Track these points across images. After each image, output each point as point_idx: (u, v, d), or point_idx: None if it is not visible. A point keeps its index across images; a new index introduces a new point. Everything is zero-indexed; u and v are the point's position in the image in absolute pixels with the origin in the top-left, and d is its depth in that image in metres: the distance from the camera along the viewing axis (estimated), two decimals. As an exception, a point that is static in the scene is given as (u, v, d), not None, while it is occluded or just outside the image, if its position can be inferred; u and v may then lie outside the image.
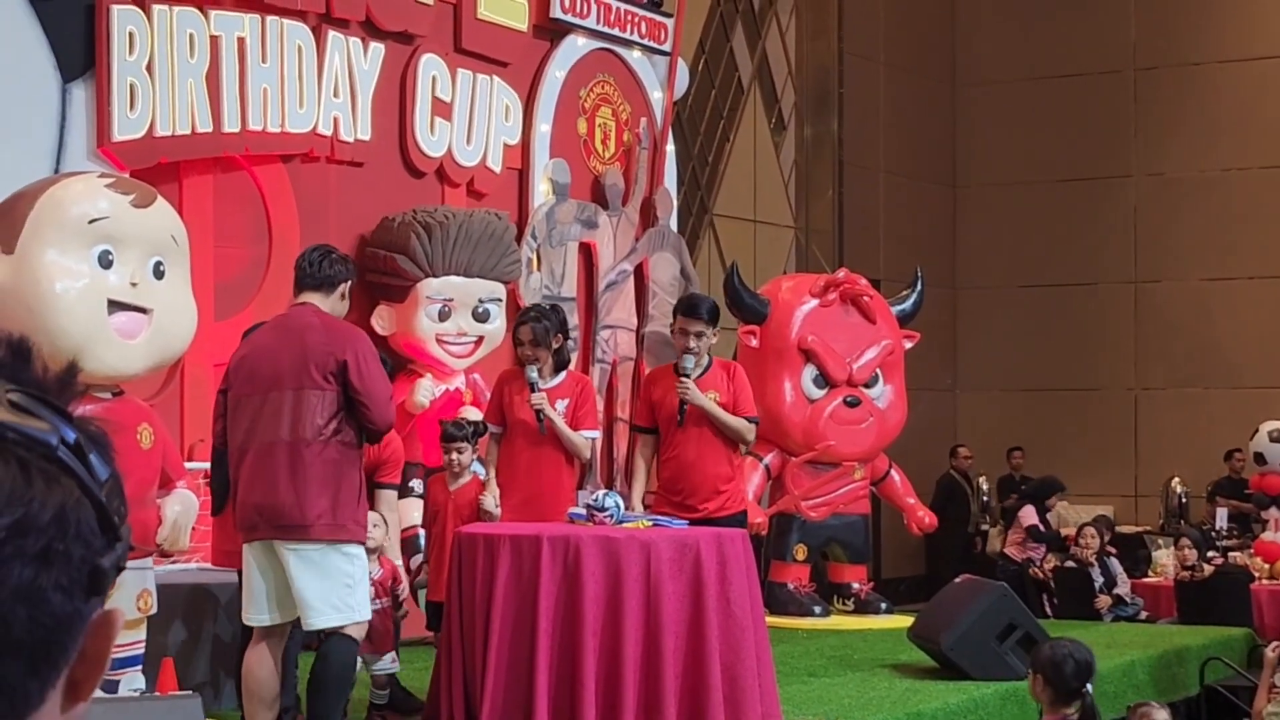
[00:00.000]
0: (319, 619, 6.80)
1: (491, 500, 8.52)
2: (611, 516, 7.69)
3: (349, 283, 7.30)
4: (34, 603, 1.17)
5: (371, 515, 7.45)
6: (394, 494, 8.03)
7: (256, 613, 6.97)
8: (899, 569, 19.29)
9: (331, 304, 7.17)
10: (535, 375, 8.65)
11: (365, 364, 6.91)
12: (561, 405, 8.73)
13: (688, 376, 9.15)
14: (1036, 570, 15.16)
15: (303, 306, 7.18)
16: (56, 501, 1.19)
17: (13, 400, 1.21)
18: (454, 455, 8.42)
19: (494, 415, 8.92)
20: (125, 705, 5.37)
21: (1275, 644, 7.08)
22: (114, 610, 1.25)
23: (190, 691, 5.94)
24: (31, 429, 1.20)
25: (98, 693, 1.24)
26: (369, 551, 7.42)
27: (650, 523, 7.83)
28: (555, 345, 8.84)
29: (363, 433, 6.94)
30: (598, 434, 9.31)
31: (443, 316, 11.06)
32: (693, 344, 9.17)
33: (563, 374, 8.89)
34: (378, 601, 7.57)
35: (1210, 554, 14.20)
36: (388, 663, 7.83)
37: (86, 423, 1.24)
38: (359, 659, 7.41)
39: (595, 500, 7.82)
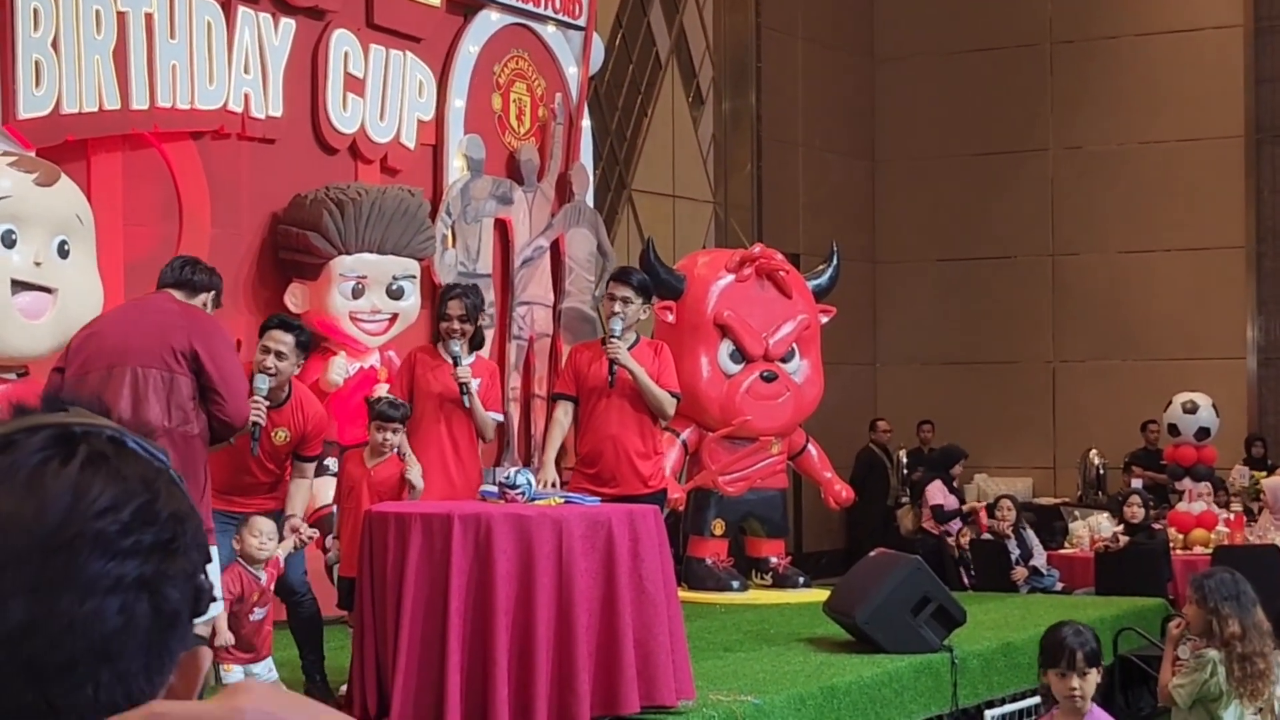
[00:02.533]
0: None
1: (418, 473, 8.49)
2: (524, 494, 7.67)
3: (212, 293, 6.98)
4: (156, 593, 1.19)
5: (265, 526, 7.33)
6: (312, 467, 7.93)
7: None
8: (819, 543, 19.37)
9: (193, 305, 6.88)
10: (458, 349, 8.72)
11: (222, 353, 6.59)
12: (477, 384, 8.85)
13: (617, 338, 9.24)
14: (952, 544, 15.24)
15: (161, 293, 6.89)
16: (176, 503, 1.23)
17: (110, 425, 1.27)
18: (388, 435, 8.31)
19: (403, 391, 8.96)
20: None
21: (1177, 620, 7.11)
22: (202, 649, 1.26)
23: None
24: (152, 447, 1.26)
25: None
26: (256, 561, 7.31)
27: (562, 500, 7.82)
28: (478, 324, 8.99)
29: (212, 431, 6.57)
30: (502, 418, 9.33)
31: (356, 294, 11.00)
32: (618, 308, 9.31)
33: (473, 355, 8.96)
34: (258, 610, 7.41)
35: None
36: (265, 670, 7.53)
37: (178, 474, 1.30)
38: (242, 670, 7.30)
39: (507, 478, 7.79)
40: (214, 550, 6.68)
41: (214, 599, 1.27)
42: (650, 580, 7.44)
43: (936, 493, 16.06)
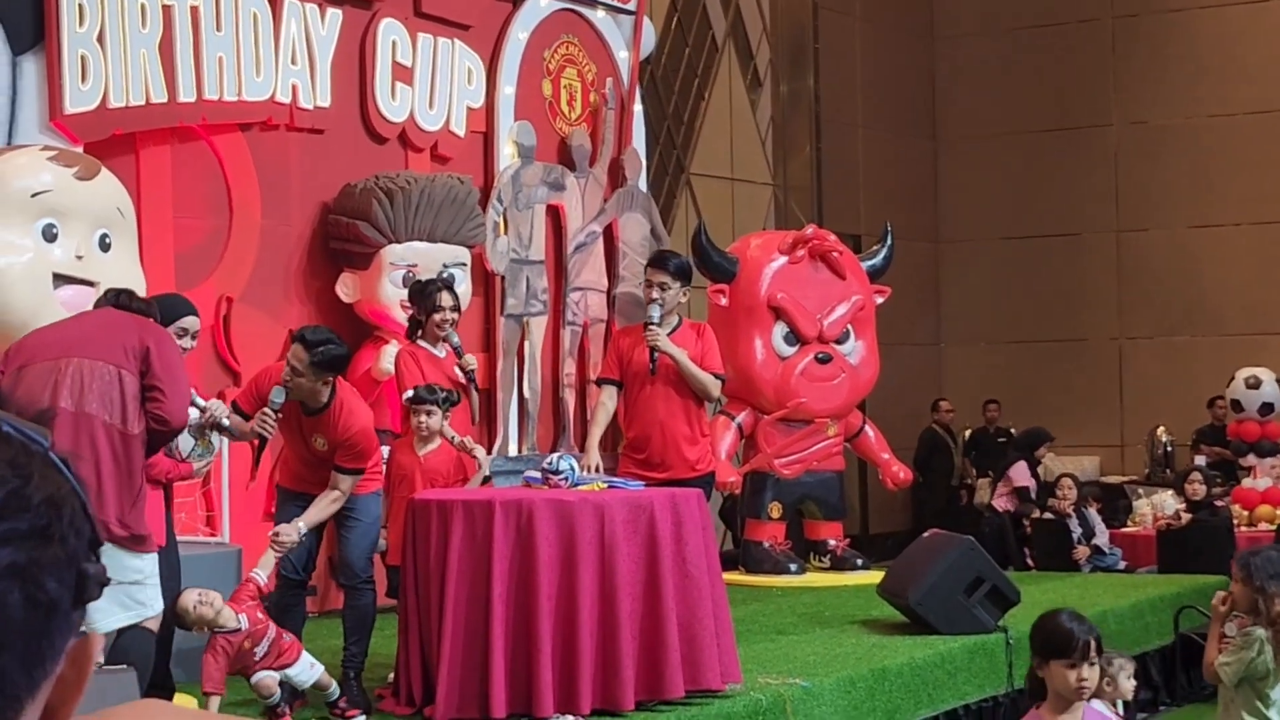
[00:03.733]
0: (105, 620, 6.18)
1: (482, 452, 8.51)
2: (566, 479, 7.66)
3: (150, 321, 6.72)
4: (30, 582, 1.15)
5: (201, 598, 7.22)
6: (348, 480, 7.59)
7: None
8: (885, 525, 19.27)
9: None
10: (458, 340, 8.77)
11: (171, 356, 6.40)
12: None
13: (656, 325, 9.23)
14: (1029, 523, 15.11)
15: (106, 309, 6.68)
16: (51, 487, 1.19)
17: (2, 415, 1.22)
18: (422, 418, 8.29)
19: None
20: (57, 681, 5.33)
21: (1221, 594, 7.02)
22: (92, 635, 1.23)
23: (124, 666, 5.89)
24: (27, 427, 1.22)
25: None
26: (219, 624, 7.20)
27: (605, 485, 7.80)
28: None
29: (149, 433, 6.33)
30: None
31: (406, 282, 10.96)
32: (655, 294, 9.31)
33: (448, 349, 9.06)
34: (259, 650, 7.25)
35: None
36: (305, 669, 7.35)
37: (69, 456, 1.26)
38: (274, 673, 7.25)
39: (550, 463, 7.78)
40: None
41: (102, 584, 1.24)
42: (694, 564, 7.42)
43: (1022, 474, 15.96)
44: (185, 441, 7.60)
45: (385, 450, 9.57)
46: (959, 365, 21.30)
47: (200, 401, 7.36)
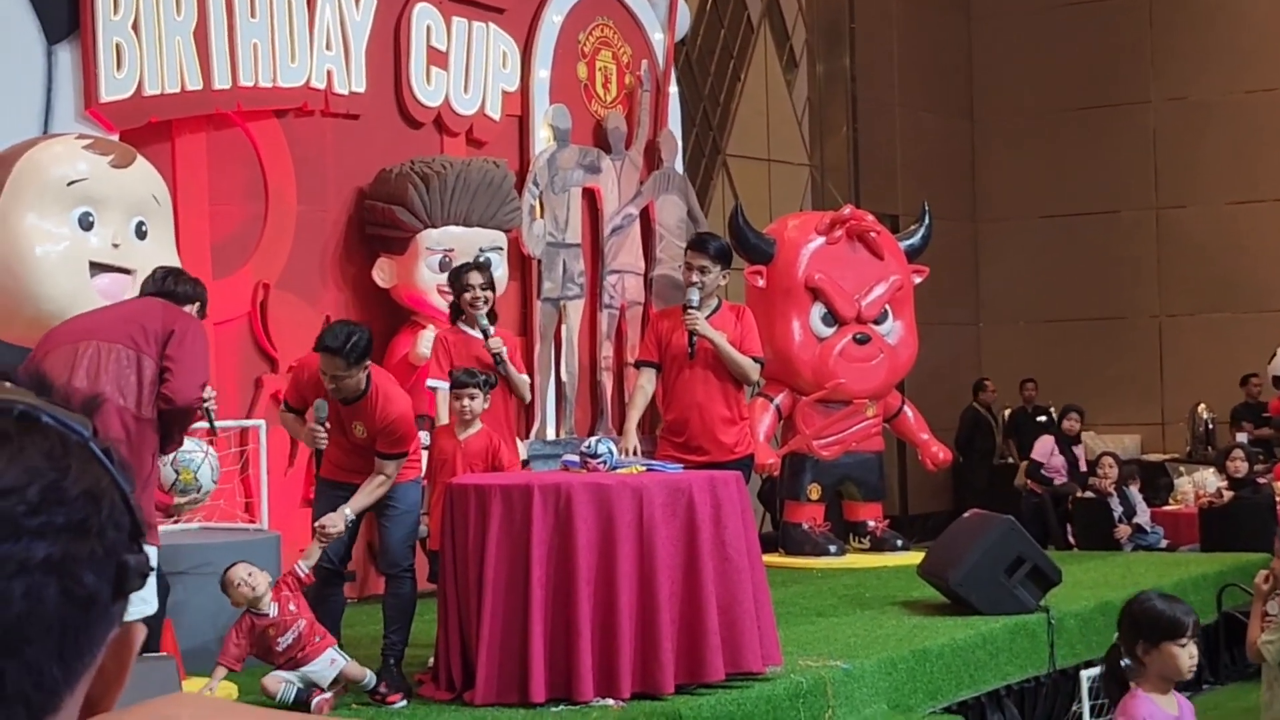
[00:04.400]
0: None
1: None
2: (605, 463, 7.64)
3: (195, 305, 6.71)
4: (67, 576, 1.14)
5: (239, 573, 7.20)
6: (392, 464, 7.59)
7: None
8: (925, 505, 19.22)
9: None
10: (486, 322, 8.72)
11: (193, 340, 6.30)
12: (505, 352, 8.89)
13: (695, 308, 9.21)
14: (1070, 503, 15.04)
15: (145, 297, 6.63)
16: (90, 480, 1.18)
17: (41, 404, 1.21)
18: (465, 401, 8.26)
19: (445, 374, 9.16)
20: (97, 668, 5.33)
21: (1264, 572, 6.97)
22: (135, 625, 1.22)
23: (165, 654, 5.88)
24: (67, 417, 1.21)
25: None
26: (254, 602, 7.22)
27: (644, 468, 7.78)
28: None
29: (159, 414, 6.25)
30: (527, 379, 9.23)
31: (443, 267, 10.98)
32: (695, 277, 9.29)
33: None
34: (283, 640, 7.25)
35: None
36: (324, 666, 7.31)
37: (112, 445, 1.24)
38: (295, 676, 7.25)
39: (589, 447, 7.77)
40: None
41: (144, 575, 1.23)
42: (733, 546, 7.40)
43: (1041, 449, 15.90)
44: (167, 474, 7.57)
45: (425, 436, 9.59)
46: (998, 345, 21.22)
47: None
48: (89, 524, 1.16)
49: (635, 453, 9.36)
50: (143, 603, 6.17)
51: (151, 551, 6.11)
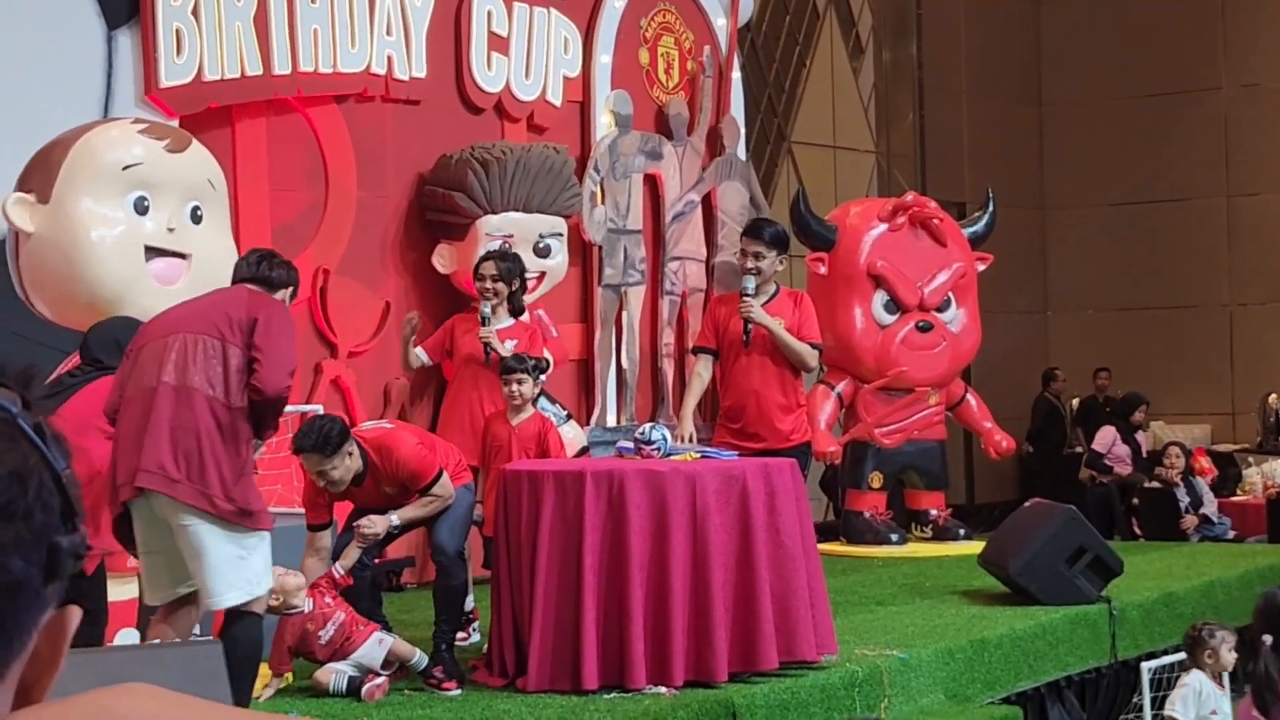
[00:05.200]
0: (217, 599, 6.16)
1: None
2: (659, 449, 7.59)
3: (289, 290, 6.62)
4: None
5: (290, 580, 7.18)
6: (439, 487, 7.50)
7: (159, 590, 6.31)
8: (992, 494, 19.08)
9: None
10: (488, 310, 8.73)
11: (279, 328, 6.23)
12: (509, 345, 8.94)
13: (751, 296, 9.16)
14: (1136, 493, 14.90)
15: (237, 286, 6.55)
16: (15, 460, 1.13)
17: None
18: (514, 387, 8.25)
19: (438, 352, 9.40)
20: (142, 653, 5.33)
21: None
22: (70, 609, 1.17)
23: (212, 639, 5.88)
24: None
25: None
26: (288, 607, 7.20)
27: (698, 455, 7.73)
28: (513, 288, 9.09)
29: (251, 405, 6.22)
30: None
31: (504, 253, 10.98)
32: (750, 264, 9.25)
33: (512, 320, 9.15)
34: (323, 634, 7.18)
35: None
36: (373, 647, 7.26)
37: (46, 419, 1.19)
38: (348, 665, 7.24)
39: (642, 433, 7.72)
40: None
41: (79, 555, 1.18)
42: (787, 534, 7.35)
43: (1102, 440, 15.76)
44: None
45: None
46: (1066, 333, 21.05)
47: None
48: (14, 506, 1.11)
49: (691, 439, 9.33)
50: (251, 585, 6.20)
51: (259, 536, 6.13)
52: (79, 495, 1.19)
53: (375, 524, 7.33)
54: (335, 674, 7.15)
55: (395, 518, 7.35)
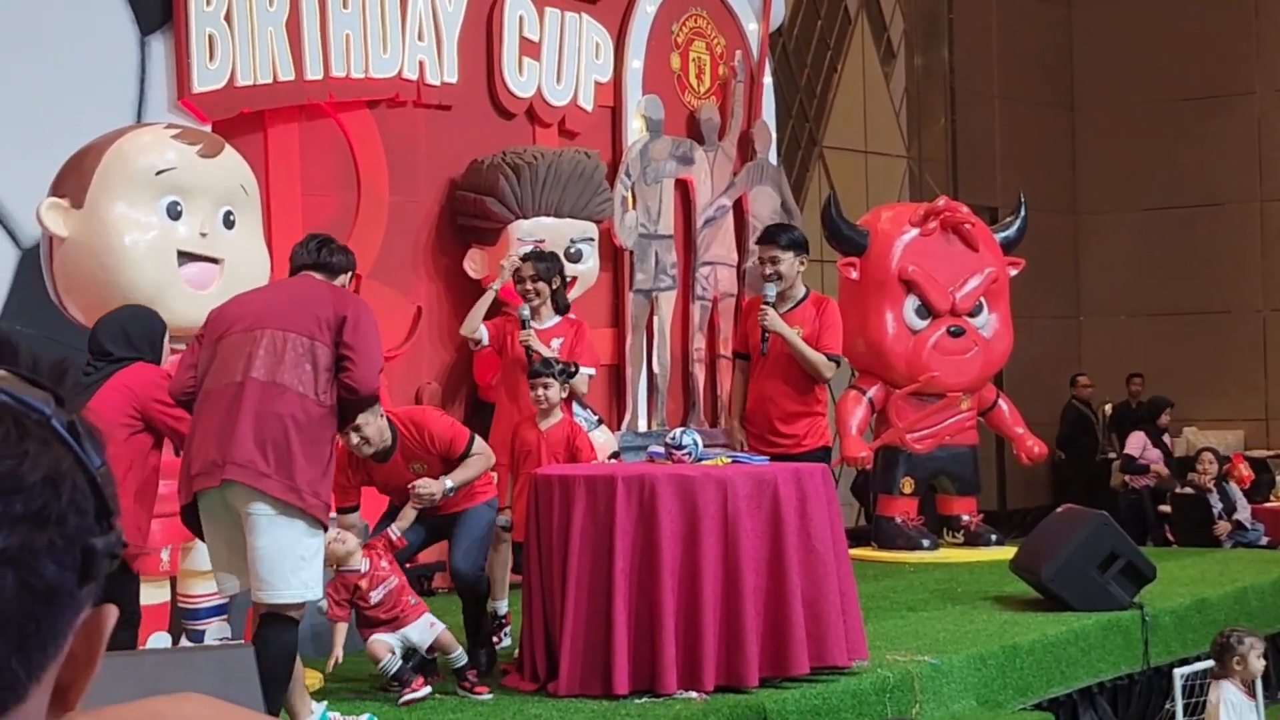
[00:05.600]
0: (269, 593, 6.16)
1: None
2: (690, 454, 7.59)
3: (349, 275, 6.71)
4: (25, 568, 1.09)
5: (339, 547, 7.20)
6: (475, 453, 7.57)
7: (230, 580, 6.39)
8: (1023, 500, 19.04)
9: None
10: (527, 313, 8.76)
11: (366, 326, 6.27)
12: (555, 344, 8.97)
13: (769, 304, 9.13)
14: (1168, 499, 14.84)
15: (305, 275, 6.59)
16: (49, 464, 1.12)
17: (4, 377, 1.16)
18: (540, 391, 8.27)
19: (496, 337, 9.44)
20: (174, 656, 5.34)
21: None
22: (106, 608, 1.17)
23: (243, 642, 5.88)
24: (26, 395, 1.14)
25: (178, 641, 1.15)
26: (345, 562, 7.23)
27: (729, 460, 7.73)
28: (554, 287, 9.10)
29: (340, 401, 6.26)
30: (593, 371, 9.21)
31: (535, 258, 10.99)
32: (768, 269, 9.20)
33: (558, 318, 9.14)
34: (375, 594, 7.25)
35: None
36: (424, 628, 7.29)
37: (81, 415, 1.18)
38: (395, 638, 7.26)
39: (673, 438, 7.72)
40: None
41: (114, 555, 1.18)
42: (819, 539, 7.34)
43: (1134, 444, 15.71)
44: None
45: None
46: (1098, 339, 20.99)
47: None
48: (47, 512, 1.11)
49: (742, 446, 9.33)
50: (305, 589, 6.21)
51: (321, 540, 6.18)
52: (114, 493, 1.18)
53: (430, 486, 7.39)
54: (389, 655, 7.18)
55: (450, 482, 7.40)
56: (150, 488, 6.54)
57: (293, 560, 6.12)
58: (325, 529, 6.34)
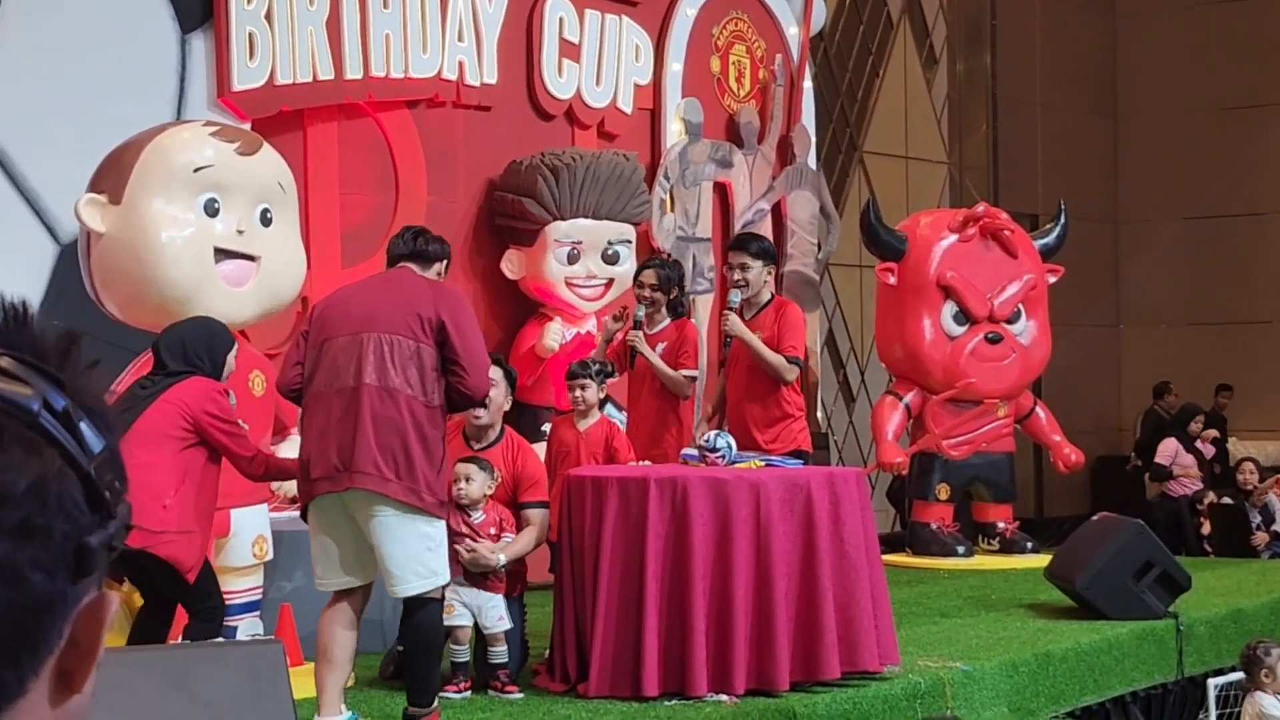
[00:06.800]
0: (402, 586, 6.39)
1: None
2: (724, 457, 7.58)
3: (444, 263, 6.80)
4: (10, 583, 1.08)
5: (464, 470, 7.29)
6: (539, 513, 7.58)
7: (329, 574, 6.54)
8: (1061, 508, 18.96)
9: (429, 277, 6.70)
10: (642, 314, 8.76)
11: (468, 326, 6.47)
12: (660, 348, 8.88)
13: (732, 310, 9.03)
14: (1204, 509, 14.75)
15: (401, 269, 6.71)
16: (35, 472, 1.10)
17: (1, 366, 1.13)
18: (578, 393, 8.29)
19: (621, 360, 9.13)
20: (204, 651, 5.35)
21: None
22: (106, 594, 1.16)
23: (272, 637, 5.90)
24: (12, 393, 1.12)
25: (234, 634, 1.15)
26: (473, 504, 7.27)
27: (762, 463, 7.71)
28: (672, 296, 9.00)
29: (449, 402, 6.48)
30: (695, 373, 9.15)
31: (571, 259, 11.00)
32: (736, 276, 9.07)
33: (668, 321, 9.00)
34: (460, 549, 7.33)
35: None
36: (499, 610, 7.36)
37: (86, 392, 1.16)
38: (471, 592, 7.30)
39: (707, 441, 7.71)
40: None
41: (113, 548, 1.16)
42: (851, 544, 7.32)
43: (1165, 452, 15.61)
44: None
45: (547, 428, 9.62)
46: (1138, 347, 20.90)
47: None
48: (30, 524, 1.09)
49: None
50: (435, 576, 6.40)
51: (442, 526, 6.35)
52: (115, 477, 1.16)
53: (483, 553, 7.31)
54: (461, 625, 7.27)
55: (502, 556, 7.34)
56: (208, 500, 6.62)
57: (419, 553, 6.34)
58: (442, 516, 6.50)
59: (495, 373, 7.38)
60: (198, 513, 6.50)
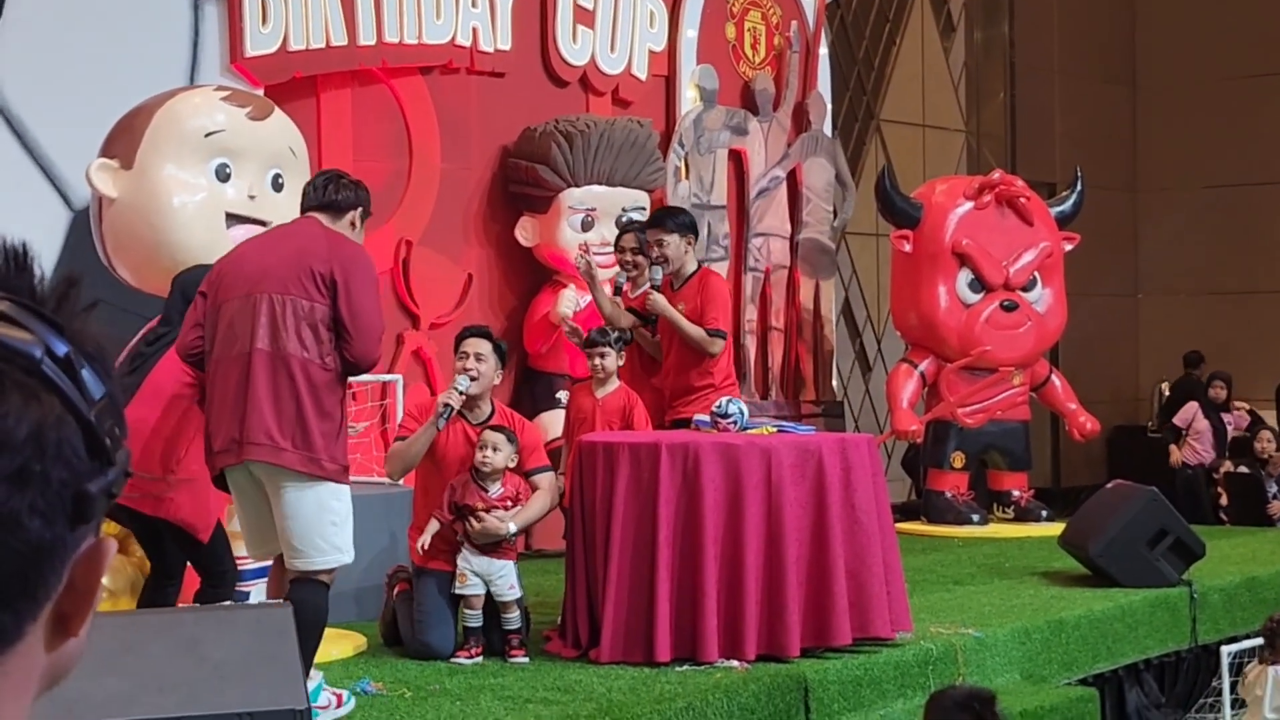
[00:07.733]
0: (301, 561, 6.12)
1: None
2: (735, 423, 7.57)
3: (358, 210, 6.40)
4: (8, 529, 1.08)
5: (489, 438, 7.29)
6: (545, 477, 7.50)
7: (254, 546, 6.37)
8: (1078, 477, 18.92)
9: (340, 229, 6.32)
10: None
11: (361, 286, 6.11)
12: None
13: (656, 287, 8.89)
14: (1219, 477, 14.69)
15: (305, 219, 6.38)
16: (34, 418, 1.10)
17: (1, 310, 1.12)
18: (597, 360, 8.28)
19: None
20: (214, 614, 5.36)
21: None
22: (105, 540, 1.16)
23: (280, 601, 5.90)
24: (12, 339, 1.11)
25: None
26: (494, 475, 7.24)
27: (774, 429, 7.70)
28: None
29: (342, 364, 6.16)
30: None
31: (585, 226, 10.99)
32: (655, 252, 8.93)
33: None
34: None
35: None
36: (510, 580, 7.32)
37: (86, 337, 1.15)
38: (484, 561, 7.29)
39: (719, 407, 7.69)
40: None
41: (112, 494, 1.16)
42: (863, 510, 7.31)
43: (1184, 415, 15.51)
44: None
45: (565, 396, 9.59)
46: (1156, 316, 20.83)
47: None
48: (28, 471, 1.09)
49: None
50: (339, 553, 6.19)
51: (348, 497, 6.13)
52: (115, 423, 1.15)
53: (493, 524, 7.25)
54: (472, 594, 7.25)
55: (512, 524, 7.28)
56: None
57: (323, 527, 6.10)
58: (348, 488, 6.27)
59: (484, 346, 7.33)
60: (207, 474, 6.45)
